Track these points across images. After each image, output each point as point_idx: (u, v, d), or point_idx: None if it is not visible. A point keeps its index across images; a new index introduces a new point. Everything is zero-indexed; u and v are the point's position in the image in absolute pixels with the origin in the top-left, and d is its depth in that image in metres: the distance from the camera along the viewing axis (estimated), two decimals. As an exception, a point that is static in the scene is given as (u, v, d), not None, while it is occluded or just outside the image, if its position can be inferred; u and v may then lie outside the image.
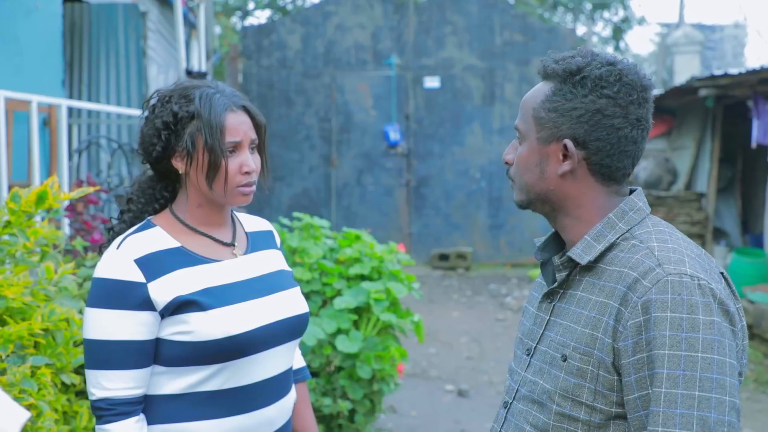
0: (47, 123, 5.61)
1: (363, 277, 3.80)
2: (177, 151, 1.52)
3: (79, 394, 2.25)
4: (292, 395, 1.68)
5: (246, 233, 1.68)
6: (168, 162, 1.54)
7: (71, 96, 6.84)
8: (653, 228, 1.27)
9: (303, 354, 3.46)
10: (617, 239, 1.27)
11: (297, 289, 1.69)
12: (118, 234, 1.57)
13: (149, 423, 1.49)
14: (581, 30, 12.94)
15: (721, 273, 1.25)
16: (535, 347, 1.34)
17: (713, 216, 8.13)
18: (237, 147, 1.53)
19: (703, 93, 7.11)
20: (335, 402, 3.58)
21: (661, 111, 8.77)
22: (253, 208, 8.13)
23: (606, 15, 18.34)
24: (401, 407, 4.77)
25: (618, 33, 18.32)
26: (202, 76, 7.55)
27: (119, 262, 1.46)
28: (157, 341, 1.49)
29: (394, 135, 9.79)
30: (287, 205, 9.74)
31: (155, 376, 1.50)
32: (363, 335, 3.61)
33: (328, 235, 4.08)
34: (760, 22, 38.68)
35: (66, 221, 3.87)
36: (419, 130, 9.99)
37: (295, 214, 4.23)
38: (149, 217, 1.58)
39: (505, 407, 1.38)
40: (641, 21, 18.58)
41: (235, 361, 1.50)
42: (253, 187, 1.57)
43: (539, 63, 1.33)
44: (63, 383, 2.10)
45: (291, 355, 1.65)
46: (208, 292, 1.50)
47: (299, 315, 1.64)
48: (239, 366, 1.51)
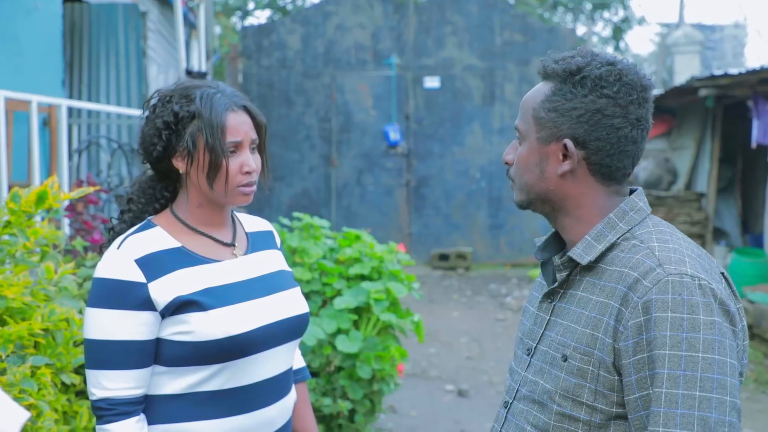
0: (47, 123, 5.61)
1: (363, 277, 3.80)
2: (178, 151, 1.52)
3: (79, 394, 2.25)
4: (292, 395, 1.68)
5: (246, 233, 1.69)
6: (168, 162, 1.54)
7: (71, 96, 6.83)
8: (654, 228, 1.27)
9: (303, 354, 3.46)
10: (618, 239, 1.27)
11: (297, 290, 1.69)
12: (118, 234, 1.57)
13: (150, 423, 1.49)
14: (581, 30, 12.94)
15: (722, 273, 1.25)
16: (536, 347, 1.34)
17: (713, 216, 8.12)
18: (238, 147, 1.53)
19: (703, 93, 7.10)
20: (335, 402, 3.58)
21: (661, 111, 8.77)
22: (253, 208, 8.13)
23: (606, 15, 18.34)
24: (401, 407, 4.77)
25: (618, 33, 18.32)
26: (202, 76, 7.54)
27: (120, 262, 1.46)
28: (158, 341, 1.49)
29: (394, 135, 9.78)
30: (287, 205, 9.74)
31: (156, 376, 1.50)
32: (363, 335, 3.60)
33: (328, 235, 4.08)
34: (760, 22, 38.70)
35: (66, 221, 3.86)
36: (419, 130, 9.99)
37: (295, 214, 4.23)
38: (150, 217, 1.58)
39: (506, 407, 1.38)
40: (641, 21, 18.58)
41: (236, 361, 1.51)
42: (254, 187, 1.57)
43: (539, 63, 1.33)
44: (63, 383, 2.10)
45: (291, 355, 1.65)
46: (208, 292, 1.50)
47: (299, 315, 1.64)
48: (240, 366, 1.51)
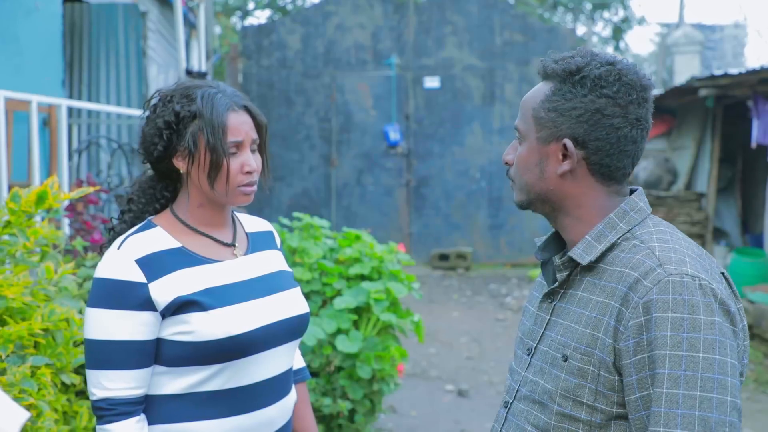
0: (47, 123, 5.61)
1: (363, 277, 3.80)
2: (179, 151, 1.52)
3: (79, 394, 2.25)
4: (292, 395, 1.68)
5: (246, 234, 1.69)
6: (169, 161, 1.54)
7: (71, 96, 6.83)
8: (654, 228, 1.27)
9: (303, 354, 3.46)
10: (618, 239, 1.27)
11: (297, 290, 1.69)
12: (118, 234, 1.58)
13: (150, 423, 1.49)
14: (581, 30, 12.94)
15: (722, 273, 1.25)
16: (536, 347, 1.34)
17: (713, 216, 8.12)
18: (239, 147, 1.53)
19: (703, 93, 7.10)
20: (335, 402, 3.58)
21: (661, 111, 8.77)
22: (253, 208, 8.13)
23: (606, 15, 18.34)
24: (401, 407, 4.77)
25: (618, 33, 18.32)
26: (202, 76, 7.54)
27: (120, 262, 1.46)
28: (158, 341, 1.49)
29: (394, 135, 9.78)
30: (287, 205, 9.74)
31: (156, 376, 1.50)
32: (363, 335, 3.60)
33: (328, 235, 4.08)
34: (760, 22, 38.70)
35: (66, 221, 3.86)
36: (419, 130, 9.99)
37: (295, 214, 4.23)
38: (150, 218, 1.58)
39: (506, 407, 1.38)
40: (641, 21, 18.58)
41: (236, 361, 1.51)
42: (255, 187, 1.57)
43: (539, 63, 1.33)
44: (63, 383, 2.10)
45: (291, 355, 1.65)
46: (209, 292, 1.50)
47: (300, 315, 1.64)
48: (240, 366, 1.52)
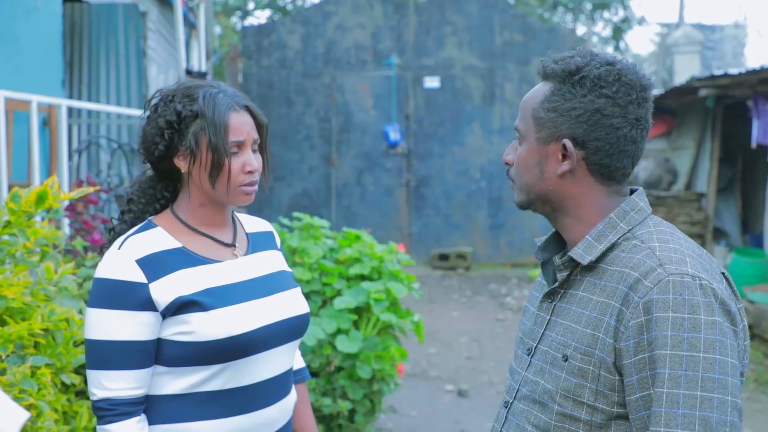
0: (47, 123, 5.61)
1: (363, 277, 3.80)
2: (180, 150, 1.52)
3: (79, 394, 2.25)
4: (292, 395, 1.68)
5: (246, 234, 1.69)
6: (170, 161, 1.54)
7: (71, 96, 6.83)
8: (654, 228, 1.27)
9: (303, 354, 3.46)
10: (618, 239, 1.27)
11: (297, 290, 1.69)
12: (119, 234, 1.58)
13: (151, 423, 1.49)
14: (581, 30, 12.95)
15: (723, 273, 1.25)
16: (536, 347, 1.34)
17: (713, 216, 8.12)
18: (240, 146, 1.53)
19: (703, 93, 7.10)
20: (335, 402, 3.58)
21: (661, 111, 8.77)
22: (253, 208, 8.13)
23: (606, 15, 18.34)
24: (401, 407, 4.77)
25: (618, 33, 18.32)
26: (202, 76, 7.55)
27: (120, 262, 1.46)
28: (159, 341, 1.49)
29: (394, 135, 9.78)
30: (287, 205, 9.74)
31: (157, 376, 1.50)
32: (363, 335, 3.60)
33: (328, 235, 4.08)
34: (760, 22, 38.69)
35: (66, 221, 3.86)
36: (419, 130, 9.99)
37: (295, 214, 4.23)
38: (150, 218, 1.58)
39: (506, 407, 1.38)
40: (641, 21, 18.58)
41: (237, 362, 1.51)
42: (256, 187, 1.57)
43: (539, 63, 1.33)
44: (63, 383, 2.10)
45: (292, 356, 1.65)
46: (209, 292, 1.50)
47: (300, 315, 1.64)
48: (240, 366, 1.52)
